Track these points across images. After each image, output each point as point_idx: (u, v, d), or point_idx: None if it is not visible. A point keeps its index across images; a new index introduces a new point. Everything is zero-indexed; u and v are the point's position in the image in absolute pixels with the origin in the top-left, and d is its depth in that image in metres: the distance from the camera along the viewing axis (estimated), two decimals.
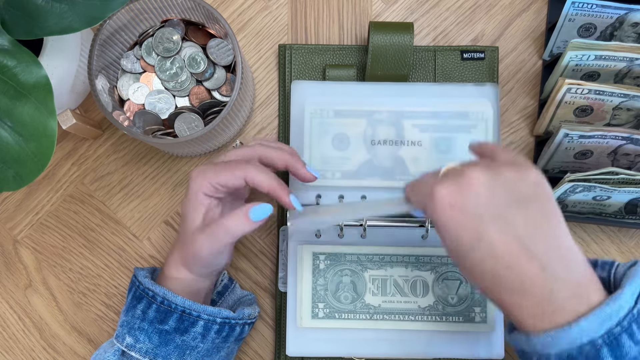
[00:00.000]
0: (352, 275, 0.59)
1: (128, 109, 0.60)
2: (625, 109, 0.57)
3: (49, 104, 0.46)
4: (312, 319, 0.58)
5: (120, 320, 0.52)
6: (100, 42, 0.55)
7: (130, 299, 0.52)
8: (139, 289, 0.51)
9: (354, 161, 0.60)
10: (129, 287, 0.53)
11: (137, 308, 0.51)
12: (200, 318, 0.50)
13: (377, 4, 0.65)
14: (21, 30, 0.47)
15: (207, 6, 0.55)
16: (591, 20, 0.59)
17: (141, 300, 0.51)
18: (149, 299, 0.51)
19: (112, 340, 0.52)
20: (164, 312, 0.50)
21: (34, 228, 0.64)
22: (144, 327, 0.50)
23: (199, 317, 0.50)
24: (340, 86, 0.61)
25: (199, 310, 0.50)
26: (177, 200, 0.63)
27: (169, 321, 0.50)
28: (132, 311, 0.51)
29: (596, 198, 0.56)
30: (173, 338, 0.50)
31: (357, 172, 0.59)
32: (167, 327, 0.50)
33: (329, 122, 0.60)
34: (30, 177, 0.47)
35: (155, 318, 0.50)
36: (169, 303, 0.50)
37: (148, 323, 0.50)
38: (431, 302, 0.59)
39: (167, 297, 0.50)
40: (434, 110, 0.60)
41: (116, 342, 0.51)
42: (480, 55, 0.63)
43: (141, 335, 0.50)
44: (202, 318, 0.50)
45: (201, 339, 0.51)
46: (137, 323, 0.50)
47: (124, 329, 0.51)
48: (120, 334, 0.51)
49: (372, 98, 0.60)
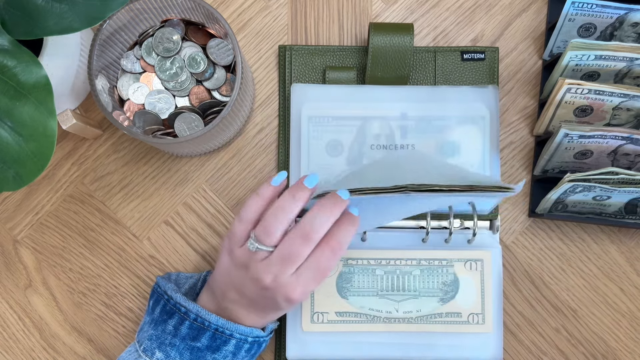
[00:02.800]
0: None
1: (128, 109, 0.60)
2: (625, 109, 0.57)
3: (49, 104, 0.46)
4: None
5: (148, 333, 0.52)
6: (100, 42, 0.55)
7: (159, 313, 0.52)
8: (169, 303, 0.51)
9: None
10: (155, 298, 0.53)
11: (169, 323, 0.51)
12: (233, 337, 0.51)
13: (377, 4, 0.65)
14: (21, 30, 0.47)
15: (207, 6, 0.55)
16: (591, 20, 0.59)
17: (172, 315, 0.51)
18: (182, 315, 0.51)
19: (136, 351, 0.52)
20: (196, 329, 0.50)
21: (34, 228, 0.64)
22: (176, 344, 0.50)
23: (232, 336, 0.51)
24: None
25: (232, 329, 0.50)
26: (177, 200, 0.64)
27: (202, 339, 0.50)
28: (163, 326, 0.51)
29: (596, 198, 0.56)
30: (204, 355, 0.50)
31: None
32: (199, 344, 0.50)
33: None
34: (30, 177, 0.47)
35: (188, 335, 0.50)
36: (202, 320, 0.50)
37: (180, 339, 0.50)
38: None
39: (200, 315, 0.50)
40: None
41: (144, 355, 0.51)
42: (481, 56, 0.63)
43: (172, 351, 0.50)
44: (235, 337, 0.51)
45: (232, 357, 0.51)
46: (168, 339, 0.50)
47: (153, 343, 0.51)
48: (149, 348, 0.51)
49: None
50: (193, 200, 0.64)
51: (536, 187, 0.63)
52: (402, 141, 0.60)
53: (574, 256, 0.63)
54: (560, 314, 0.62)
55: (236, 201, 0.63)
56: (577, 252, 0.63)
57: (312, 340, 0.59)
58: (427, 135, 0.60)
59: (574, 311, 0.62)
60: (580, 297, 0.62)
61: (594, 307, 0.62)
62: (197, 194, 0.64)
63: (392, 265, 0.59)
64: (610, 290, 0.62)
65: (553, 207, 0.59)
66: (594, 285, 0.62)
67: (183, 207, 0.64)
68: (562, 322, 0.62)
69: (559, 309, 0.62)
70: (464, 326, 0.58)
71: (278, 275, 0.48)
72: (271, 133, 0.64)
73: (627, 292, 0.62)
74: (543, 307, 0.62)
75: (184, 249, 0.63)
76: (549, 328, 0.62)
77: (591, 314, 0.62)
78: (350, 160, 0.60)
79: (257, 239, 0.49)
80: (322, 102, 0.60)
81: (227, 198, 0.64)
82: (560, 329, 0.62)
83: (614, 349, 0.62)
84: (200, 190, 0.64)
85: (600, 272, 0.63)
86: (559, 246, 0.63)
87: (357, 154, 0.60)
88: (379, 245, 0.59)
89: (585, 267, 0.63)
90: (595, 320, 0.62)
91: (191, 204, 0.64)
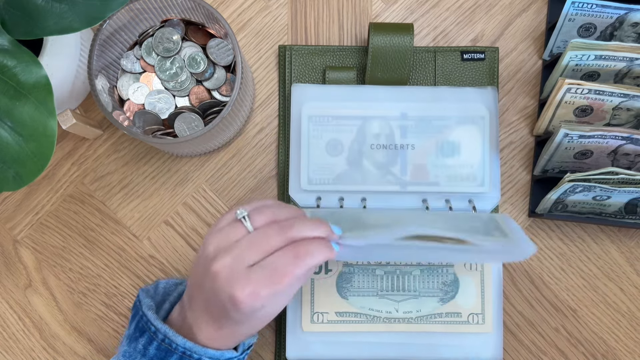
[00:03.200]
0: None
1: (128, 109, 0.60)
2: (625, 109, 0.57)
3: (49, 104, 0.46)
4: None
5: (123, 349, 0.51)
6: (100, 42, 0.55)
7: (133, 329, 0.51)
8: (142, 319, 0.50)
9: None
10: (134, 312, 0.52)
11: (139, 342, 0.50)
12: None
13: (377, 4, 0.65)
14: (21, 30, 0.47)
15: (207, 6, 0.55)
16: (591, 20, 0.59)
17: (143, 333, 0.50)
18: (151, 334, 0.49)
19: None
20: (164, 350, 0.49)
21: (34, 228, 0.64)
22: None
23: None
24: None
25: (200, 353, 0.49)
26: (177, 200, 0.64)
27: None
28: (134, 343, 0.50)
29: (596, 198, 0.57)
30: None
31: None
32: None
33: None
34: (30, 177, 0.47)
35: (156, 356, 0.49)
36: (170, 342, 0.49)
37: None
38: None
39: (168, 336, 0.49)
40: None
41: None
42: (481, 56, 0.63)
43: None
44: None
45: None
46: (137, 357, 0.50)
47: None
48: None
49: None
50: (193, 200, 0.64)
51: (536, 187, 0.63)
52: (402, 141, 0.60)
53: (574, 256, 0.63)
54: (560, 313, 0.62)
55: (236, 201, 0.63)
56: (577, 252, 0.63)
57: (312, 340, 0.59)
58: (427, 135, 0.60)
59: (574, 311, 0.62)
60: (580, 297, 0.62)
61: (594, 307, 0.62)
62: (197, 194, 0.64)
63: (392, 265, 0.59)
64: (610, 290, 0.62)
65: (553, 207, 0.59)
66: (594, 285, 0.63)
67: (183, 207, 0.64)
68: (562, 322, 0.62)
69: (558, 309, 0.62)
70: (464, 326, 0.58)
71: (235, 259, 0.46)
72: (271, 133, 0.64)
73: (627, 292, 0.62)
74: (543, 307, 0.62)
75: (183, 248, 0.63)
76: (549, 328, 0.62)
77: (591, 314, 0.62)
78: (350, 160, 0.60)
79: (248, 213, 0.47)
80: (322, 102, 0.60)
81: (227, 198, 0.64)
82: (560, 328, 0.62)
83: (613, 349, 0.62)
84: (200, 190, 0.64)
85: (600, 272, 0.63)
86: (559, 246, 0.63)
87: (357, 153, 0.60)
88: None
89: (585, 267, 0.63)
90: (595, 320, 0.62)
91: (191, 204, 0.64)
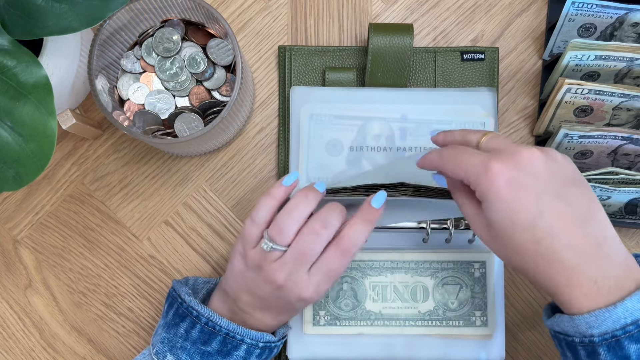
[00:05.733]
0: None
1: (128, 109, 0.60)
2: (625, 109, 0.57)
3: (49, 104, 0.46)
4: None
5: (161, 336, 0.52)
6: (100, 42, 0.55)
7: (172, 316, 0.52)
8: (181, 306, 0.51)
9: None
10: (169, 302, 0.53)
11: (180, 327, 0.51)
12: (244, 342, 0.50)
13: (377, 4, 0.65)
14: (21, 30, 0.47)
15: (207, 6, 0.55)
16: (591, 20, 0.59)
17: (184, 318, 0.51)
18: (193, 319, 0.50)
19: (149, 354, 0.52)
20: (207, 333, 0.50)
21: (34, 228, 0.64)
22: (187, 347, 0.50)
23: (242, 341, 0.50)
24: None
25: (243, 334, 0.50)
26: (177, 200, 0.64)
27: (212, 343, 0.50)
28: (175, 329, 0.51)
29: None
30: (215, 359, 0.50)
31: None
32: (209, 348, 0.50)
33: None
34: (30, 177, 0.47)
35: (199, 339, 0.50)
36: (213, 324, 0.50)
37: (191, 343, 0.50)
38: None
39: (211, 319, 0.50)
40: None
41: (156, 358, 0.51)
42: (481, 56, 0.63)
43: (183, 354, 0.50)
44: (245, 342, 0.50)
45: None
46: (179, 342, 0.50)
47: (164, 346, 0.51)
48: (161, 351, 0.50)
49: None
50: (193, 200, 0.64)
51: None
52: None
53: None
54: None
55: (236, 201, 0.63)
56: None
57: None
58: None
59: None
60: None
61: None
62: (197, 194, 0.64)
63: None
64: None
65: None
66: None
67: (183, 207, 0.64)
68: None
69: None
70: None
71: (291, 273, 0.48)
72: (271, 133, 0.64)
73: None
74: (543, 307, 0.62)
75: (183, 249, 0.63)
76: None
77: None
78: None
79: (270, 239, 0.49)
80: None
81: (227, 198, 0.64)
82: None
83: None
84: (200, 190, 0.64)
85: None
86: None
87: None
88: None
89: None
90: None
91: (191, 204, 0.64)
